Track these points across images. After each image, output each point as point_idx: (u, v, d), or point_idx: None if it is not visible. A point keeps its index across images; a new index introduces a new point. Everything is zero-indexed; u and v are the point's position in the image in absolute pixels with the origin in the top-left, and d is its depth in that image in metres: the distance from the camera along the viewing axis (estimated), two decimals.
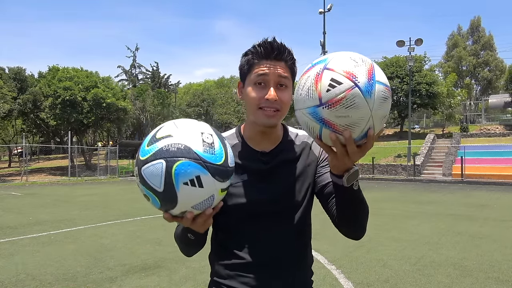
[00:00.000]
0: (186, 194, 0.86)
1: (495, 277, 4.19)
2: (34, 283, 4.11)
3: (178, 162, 0.85)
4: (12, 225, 7.53)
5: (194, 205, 0.89)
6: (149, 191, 0.88)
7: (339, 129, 0.86)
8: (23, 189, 16.86)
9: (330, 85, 0.84)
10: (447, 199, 11.84)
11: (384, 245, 5.62)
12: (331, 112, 0.85)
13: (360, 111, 0.84)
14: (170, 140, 0.87)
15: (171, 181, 0.84)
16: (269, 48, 1.11)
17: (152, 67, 55.78)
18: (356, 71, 0.85)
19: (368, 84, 0.84)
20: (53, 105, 24.73)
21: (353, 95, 0.83)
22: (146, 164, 0.87)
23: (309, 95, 0.87)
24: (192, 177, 0.85)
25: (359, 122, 0.85)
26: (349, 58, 0.87)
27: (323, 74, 0.86)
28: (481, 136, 24.68)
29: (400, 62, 26.88)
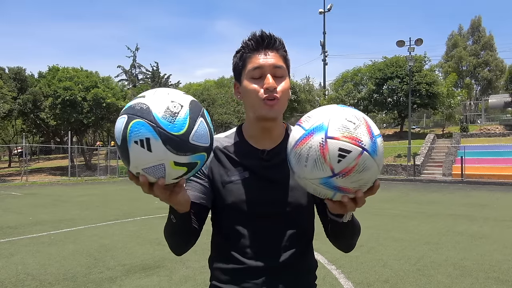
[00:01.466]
0: (135, 153, 0.86)
1: (495, 277, 4.19)
2: (34, 283, 4.11)
3: (134, 120, 0.86)
4: (12, 225, 7.53)
5: (144, 168, 0.87)
6: (115, 143, 0.91)
7: (352, 191, 0.88)
8: (23, 189, 16.85)
9: (340, 155, 0.84)
10: (447, 199, 11.84)
11: (384, 245, 5.62)
12: (345, 180, 0.86)
13: (371, 170, 0.87)
14: (140, 100, 0.89)
15: (125, 136, 0.86)
16: (259, 40, 1.10)
17: (152, 67, 55.82)
18: (358, 133, 0.85)
19: (372, 143, 0.86)
20: (53, 105, 24.72)
21: (363, 159, 0.84)
22: (119, 117, 0.90)
23: (318, 167, 0.86)
24: (143, 137, 0.85)
25: (371, 179, 0.89)
26: (345, 120, 0.87)
27: (328, 145, 0.85)
28: (481, 136, 24.67)
29: (400, 62, 26.85)
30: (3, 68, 26.08)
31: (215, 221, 1.21)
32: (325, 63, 31.82)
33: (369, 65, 29.40)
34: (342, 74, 30.63)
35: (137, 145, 0.85)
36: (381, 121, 39.82)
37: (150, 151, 0.85)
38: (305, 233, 1.19)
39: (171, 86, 53.24)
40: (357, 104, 28.39)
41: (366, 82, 28.54)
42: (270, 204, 1.12)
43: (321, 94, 35.13)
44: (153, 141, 0.85)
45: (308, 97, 35.88)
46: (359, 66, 30.28)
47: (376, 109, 29.04)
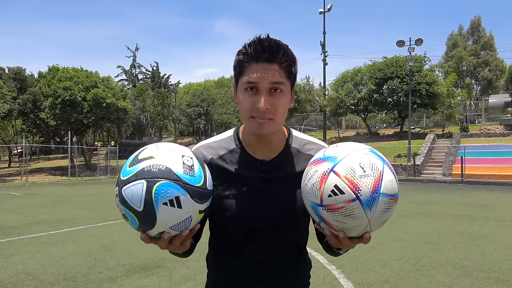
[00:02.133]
0: (165, 214, 0.87)
1: (495, 277, 4.19)
2: (34, 283, 4.10)
3: (158, 183, 0.86)
4: (12, 225, 7.53)
5: (172, 226, 0.89)
6: (129, 211, 0.88)
7: (335, 229, 0.91)
8: (23, 189, 16.85)
9: (333, 191, 0.86)
10: (447, 199, 11.84)
11: (384, 245, 5.62)
12: (329, 215, 0.89)
13: (358, 220, 0.88)
14: (152, 162, 0.89)
15: (151, 201, 0.86)
16: (259, 49, 0.98)
17: (152, 67, 55.86)
18: (361, 182, 0.85)
19: (370, 197, 0.85)
20: (53, 105, 24.71)
21: (352, 206, 0.86)
22: (127, 184, 0.89)
23: (313, 192, 0.90)
24: (172, 197, 0.86)
25: (356, 228, 0.90)
26: (358, 164, 0.87)
27: (328, 177, 0.88)
28: (481, 136, 24.66)
29: (400, 62, 26.84)
30: (3, 68, 26.08)
31: (213, 227, 1.20)
32: (325, 63, 31.77)
33: (369, 65, 29.39)
34: (342, 74, 30.60)
35: (167, 206, 0.86)
36: (381, 121, 39.78)
37: (181, 208, 0.88)
38: (300, 243, 1.19)
39: (171, 86, 53.26)
40: (357, 104, 28.40)
41: (366, 82, 28.51)
42: (267, 218, 1.08)
43: (321, 94, 35.10)
44: (182, 198, 0.88)
45: (308, 97, 35.89)
46: (359, 66, 30.27)
47: (376, 109, 29.02)
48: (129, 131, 43.86)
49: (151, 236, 0.92)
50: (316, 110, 41.26)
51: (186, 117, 44.36)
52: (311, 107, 40.41)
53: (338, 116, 33.12)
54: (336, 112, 30.08)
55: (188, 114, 44.17)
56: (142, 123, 42.13)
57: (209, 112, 43.23)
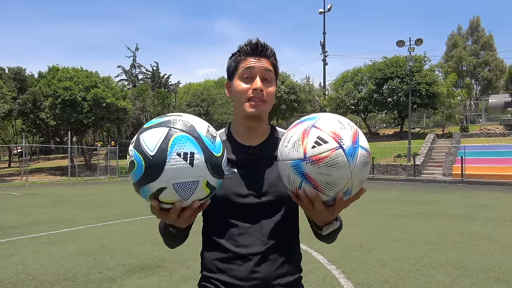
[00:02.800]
0: (174, 165, 0.83)
1: (495, 277, 4.19)
2: (34, 283, 4.10)
3: (179, 133, 0.86)
4: (12, 225, 7.53)
5: (175, 183, 0.85)
6: (139, 155, 0.85)
7: (319, 185, 0.91)
8: (23, 189, 16.85)
9: (316, 142, 0.89)
10: (447, 199, 11.84)
11: (384, 245, 5.62)
12: (313, 168, 0.89)
13: (341, 171, 0.89)
14: (179, 117, 0.91)
15: (166, 147, 0.83)
16: (254, 46, 1.21)
17: (152, 67, 55.81)
18: (342, 133, 0.90)
19: (352, 147, 0.89)
20: (53, 105, 24.71)
21: (337, 155, 0.88)
22: (148, 129, 0.88)
23: (294, 149, 0.92)
24: (187, 151, 0.84)
25: (339, 182, 0.90)
26: (337, 120, 0.94)
27: (310, 131, 0.91)
28: (481, 136, 24.66)
29: (400, 62, 26.84)
30: (3, 68, 26.07)
31: (205, 213, 1.26)
32: (325, 63, 31.82)
33: (369, 65, 29.39)
34: (342, 74, 30.61)
35: (179, 158, 0.84)
36: (381, 121, 39.78)
37: (192, 166, 0.85)
38: (288, 222, 1.23)
39: (171, 86, 53.27)
40: (357, 104, 28.41)
41: (366, 82, 28.52)
42: (256, 196, 1.19)
43: (321, 94, 35.13)
44: (196, 156, 0.85)
45: (308, 97, 35.89)
46: (359, 66, 30.28)
47: (376, 109, 29.03)
48: (129, 131, 43.85)
49: (161, 206, 0.91)
50: (316, 110, 41.21)
51: None
52: (311, 107, 40.39)
53: None
54: (336, 112, 29.94)
55: (188, 114, 44.17)
56: (142, 123, 42.03)
57: (209, 112, 43.24)
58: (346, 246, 5.42)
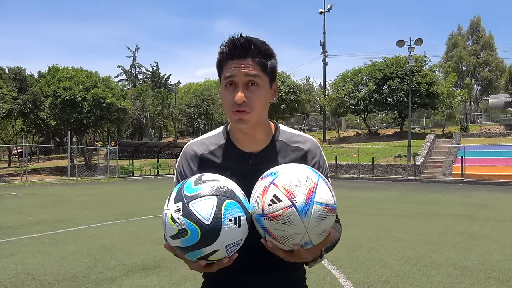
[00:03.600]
0: (227, 230, 0.94)
1: (495, 277, 4.18)
2: (34, 283, 4.10)
3: (227, 201, 0.96)
4: (12, 225, 7.53)
5: (227, 244, 0.96)
6: (194, 224, 0.93)
7: (277, 238, 0.97)
8: (23, 189, 16.85)
9: (272, 201, 0.95)
10: (447, 199, 11.84)
11: (384, 245, 5.62)
12: (270, 224, 0.96)
13: (295, 227, 0.94)
14: (218, 183, 0.99)
15: (220, 215, 0.93)
16: (231, 47, 1.07)
17: (152, 67, 55.89)
18: (296, 191, 0.95)
19: (305, 204, 0.94)
20: (53, 105, 24.72)
21: (289, 213, 0.93)
22: (196, 199, 0.95)
23: (256, 204, 0.99)
24: (236, 215, 0.95)
25: (295, 236, 0.96)
26: (294, 177, 0.98)
27: (269, 188, 0.98)
28: (481, 136, 24.66)
29: (400, 62, 26.84)
30: (3, 68, 26.08)
31: None
32: (325, 63, 31.79)
33: (369, 65, 29.40)
34: (342, 74, 30.62)
35: (231, 223, 0.94)
36: (381, 121, 39.79)
37: (240, 228, 0.97)
38: None
39: (171, 86, 53.26)
40: (357, 104, 28.41)
41: (366, 82, 28.53)
42: None
43: (321, 94, 35.11)
44: (242, 219, 0.97)
45: (308, 97, 35.93)
46: (359, 66, 30.29)
47: (376, 109, 29.03)
48: (129, 131, 43.90)
49: (207, 262, 0.98)
50: (316, 110, 41.29)
51: (186, 117, 44.38)
52: (311, 107, 40.45)
53: (338, 116, 33.14)
54: (336, 112, 30.08)
55: (188, 114, 44.18)
56: (142, 123, 42.13)
57: (209, 112, 43.24)
58: (346, 246, 5.42)
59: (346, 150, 25.83)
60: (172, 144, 31.44)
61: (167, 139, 48.77)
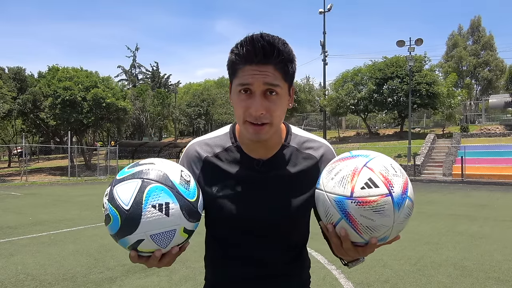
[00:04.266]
0: (150, 218, 0.83)
1: (495, 277, 4.18)
2: (34, 283, 4.10)
3: (153, 185, 0.85)
4: (12, 225, 7.53)
5: (153, 234, 0.85)
6: (114, 209, 0.85)
7: (358, 227, 0.87)
8: (23, 189, 16.85)
9: (367, 184, 0.85)
10: (447, 199, 11.84)
11: (384, 245, 5.61)
12: (358, 209, 0.85)
13: (385, 219, 0.86)
14: (151, 166, 0.90)
15: (141, 200, 0.83)
16: (251, 51, 0.92)
17: (152, 67, 55.87)
18: (394, 180, 0.87)
19: (401, 197, 0.86)
20: (53, 105, 24.72)
21: (385, 202, 0.85)
22: (121, 182, 0.87)
23: (342, 184, 0.88)
24: (162, 202, 0.84)
25: (379, 228, 0.87)
26: (390, 165, 0.90)
27: (362, 170, 0.87)
28: (482, 136, 24.66)
29: (400, 62, 26.84)
30: (3, 68, 26.09)
31: (208, 226, 1.17)
32: (325, 63, 31.76)
33: (369, 65, 29.39)
34: (342, 74, 30.62)
35: (155, 210, 0.84)
36: (381, 121, 39.78)
37: (167, 216, 0.85)
38: (298, 243, 1.16)
39: (171, 86, 53.26)
40: (357, 104, 28.40)
41: (366, 82, 28.52)
42: (264, 219, 1.05)
43: (321, 94, 35.12)
44: (172, 206, 0.85)
45: (308, 97, 35.90)
46: (359, 66, 30.29)
47: (376, 109, 29.02)
48: (129, 131, 43.89)
49: (140, 254, 0.89)
50: (316, 110, 41.25)
51: (186, 117, 44.38)
52: (311, 107, 40.40)
53: (338, 116, 33.13)
54: (336, 112, 30.08)
55: (188, 114, 44.18)
56: (142, 123, 42.12)
57: (209, 112, 43.24)
58: None
59: (346, 150, 25.59)
60: (172, 144, 31.42)
61: (167, 139, 48.77)
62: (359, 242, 0.91)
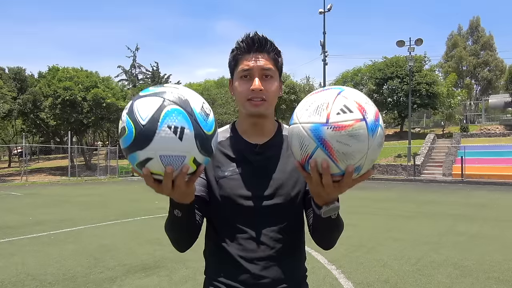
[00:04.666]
0: (163, 137, 0.84)
1: (495, 277, 4.19)
2: (34, 283, 4.11)
3: (172, 106, 0.85)
4: (12, 225, 7.53)
5: (162, 154, 0.85)
6: (131, 122, 0.85)
7: (334, 154, 0.87)
8: (23, 189, 16.85)
9: (342, 110, 0.87)
10: (447, 199, 11.84)
11: (384, 245, 5.62)
12: (334, 134, 0.86)
13: (360, 144, 0.87)
14: (175, 90, 0.90)
15: (158, 118, 0.84)
16: (250, 42, 1.16)
17: (152, 67, 55.72)
18: (367, 107, 0.90)
19: (374, 123, 0.89)
20: (53, 105, 24.72)
21: (359, 126, 0.86)
22: (143, 97, 0.88)
23: (317, 112, 0.89)
24: (178, 125, 0.84)
25: (355, 155, 0.88)
26: (361, 95, 0.93)
27: (337, 98, 0.90)
28: (481, 136, 24.67)
29: (400, 62, 26.87)
30: (3, 68, 26.10)
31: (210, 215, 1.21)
32: (325, 63, 31.74)
33: (369, 65, 29.44)
34: (342, 74, 30.69)
35: (169, 130, 0.84)
36: None
37: (180, 140, 0.85)
38: (295, 225, 1.21)
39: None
40: None
41: (366, 82, 28.57)
42: (262, 198, 1.15)
43: None
44: (187, 131, 0.85)
45: None
46: (359, 66, 30.39)
47: None
48: None
49: (152, 173, 0.88)
50: None
51: None
52: None
53: None
54: None
55: None
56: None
57: None
58: (346, 246, 5.42)
59: None
60: None
61: None
62: (335, 174, 0.91)
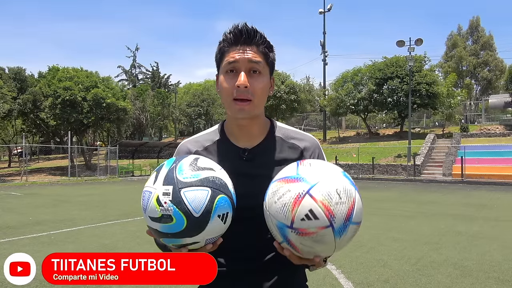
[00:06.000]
0: (214, 226, 0.90)
1: (495, 277, 4.19)
2: (34, 282, 4.09)
3: (220, 195, 0.90)
4: (12, 225, 7.53)
5: (209, 238, 0.92)
6: (181, 213, 0.86)
7: (299, 251, 0.90)
8: (23, 189, 16.85)
9: (307, 216, 0.84)
10: (447, 199, 11.84)
11: (384, 245, 5.62)
12: (297, 238, 0.86)
13: (326, 246, 0.87)
14: (213, 173, 0.93)
15: (211, 210, 0.88)
16: (237, 34, 1.06)
17: (152, 67, 55.84)
18: (336, 209, 0.84)
19: (343, 225, 0.85)
20: (53, 105, 24.72)
21: (324, 233, 0.84)
22: (190, 187, 0.89)
23: (283, 212, 0.87)
24: (225, 212, 0.91)
25: (320, 253, 0.90)
26: (335, 190, 0.86)
27: (303, 200, 0.85)
28: (481, 136, 24.66)
29: (400, 62, 26.84)
30: (3, 68, 26.09)
31: None
32: (325, 63, 31.81)
33: (369, 65, 29.40)
34: (342, 74, 30.63)
35: (219, 219, 0.90)
36: (381, 121, 39.78)
37: (225, 224, 0.93)
38: None
39: (171, 86, 53.26)
40: (357, 104, 28.40)
41: (366, 82, 28.53)
42: (251, 208, 1.05)
43: (321, 94, 35.14)
44: (229, 215, 0.93)
45: (308, 97, 35.87)
46: (359, 66, 30.31)
47: (376, 109, 29.03)
48: (129, 131, 43.86)
49: (181, 247, 0.94)
50: (316, 110, 41.28)
51: (186, 117, 44.38)
52: (311, 107, 40.41)
53: (338, 116, 33.13)
54: (336, 112, 30.09)
55: (188, 114, 44.17)
56: (142, 123, 42.10)
57: (209, 112, 43.25)
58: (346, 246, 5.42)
59: (346, 150, 25.84)
60: (172, 144, 31.42)
61: (167, 139, 48.76)
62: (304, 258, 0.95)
